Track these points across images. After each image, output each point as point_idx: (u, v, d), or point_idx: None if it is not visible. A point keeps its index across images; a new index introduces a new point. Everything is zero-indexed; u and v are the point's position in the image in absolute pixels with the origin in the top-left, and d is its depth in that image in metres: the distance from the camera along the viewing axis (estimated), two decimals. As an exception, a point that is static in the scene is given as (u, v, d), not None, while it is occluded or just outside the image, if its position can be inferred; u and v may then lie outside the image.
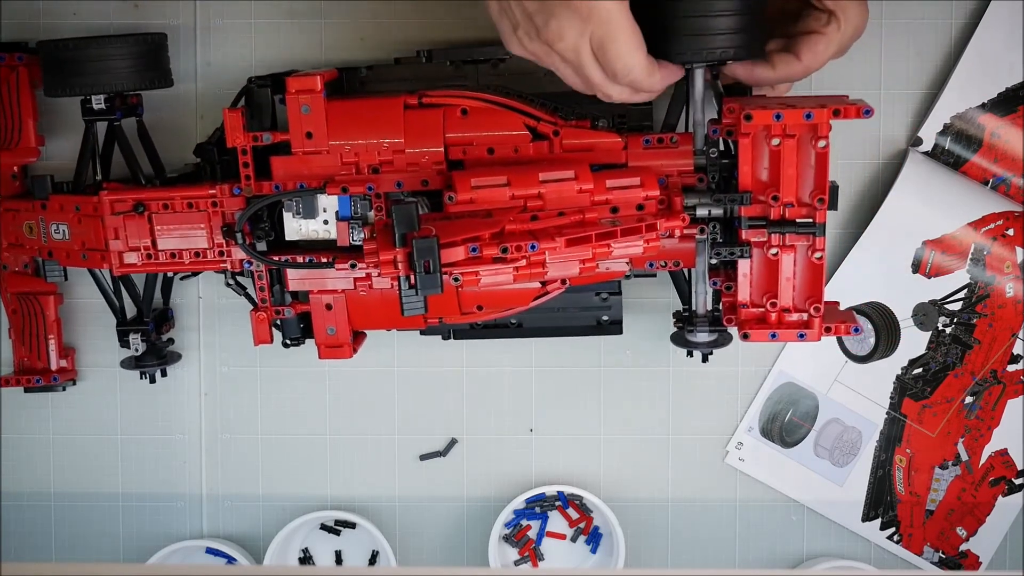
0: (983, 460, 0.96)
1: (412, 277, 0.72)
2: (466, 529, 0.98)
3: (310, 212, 0.82)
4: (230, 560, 0.96)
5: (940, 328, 0.94)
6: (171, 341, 0.94)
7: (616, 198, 0.77)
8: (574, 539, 0.98)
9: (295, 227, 0.83)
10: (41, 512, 0.98)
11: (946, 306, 0.94)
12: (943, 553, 0.97)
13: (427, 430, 0.97)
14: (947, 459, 0.96)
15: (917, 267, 0.93)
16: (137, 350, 0.90)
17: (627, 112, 0.83)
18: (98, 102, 0.85)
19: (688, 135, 0.81)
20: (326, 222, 0.83)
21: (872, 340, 0.94)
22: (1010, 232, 0.92)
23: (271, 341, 0.87)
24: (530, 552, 0.97)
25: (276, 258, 0.83)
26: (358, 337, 0.88)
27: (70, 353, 0.95)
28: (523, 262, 0.73)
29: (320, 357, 0.86)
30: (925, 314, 0.94)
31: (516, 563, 0.98)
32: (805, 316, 0.79)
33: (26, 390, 0.93)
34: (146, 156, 0.89)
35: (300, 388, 0.96)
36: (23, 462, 0.97)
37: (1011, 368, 0.94)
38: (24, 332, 0.93)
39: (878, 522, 0.97)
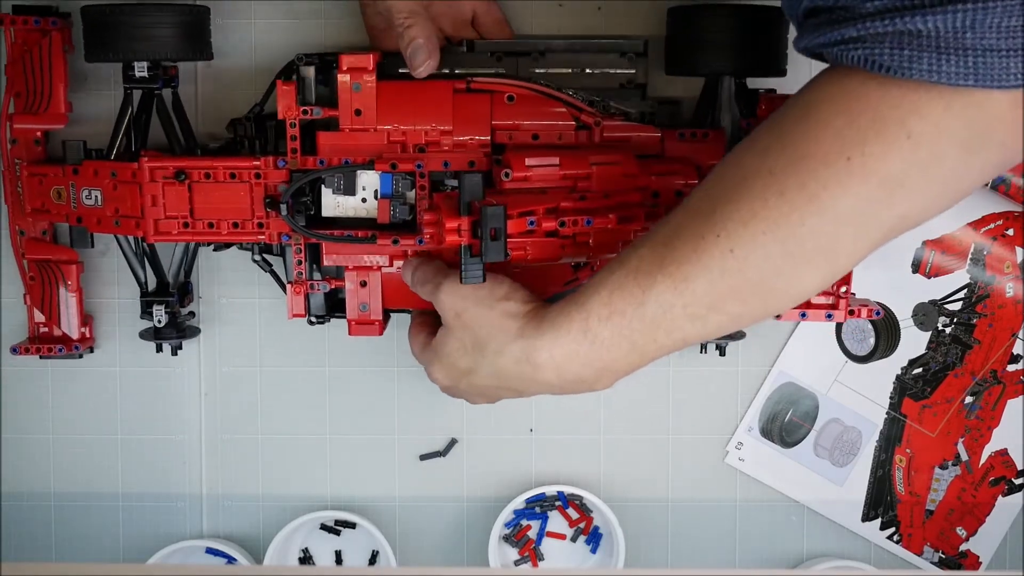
0: (983, 460, 0.96)
1: (474, 246, 0.75)
2: (466, 529, 0.98)
3: (350, 189, 0.83)
4: (230, 560, 0.96)
5: (940, 328, 0.94)
6: (192, 314, 0.94)
7: (657, 184, 0.82)
8: (574, 539, 0.98)
9: (332, 203, 0.83)
10: (41, 512, 0.98)
11: (946, 306, 0.94)
12: (943, 553, 0.97)
13: (427, 430, 0.97)
14: (947, 459, 0.96)
15: (917, 267, 0.93)
16: (160, 321, 0.90)
17: (655, 110, 0.86)
18: (141, 69, 0.84)
19: (719, 131, 0.84)
20: (364, 200, 0.83)
21: (872, 340, 0.95)
22: (1010, 232, 0.92)
23: (305, 315, 0.87)
24: (530, 552, 0.97)
25: (319, 231, 0.84)
26: (385, 318, 0.88)
27: (89, 321, 0.94)
28: (570, 238, 0.78)
29: (350, 334, 0.86)
30: (925, 314, 0.94)
31: (516, 563, 0.98)
32: (831, 300, 0.83)
33: (42, 357, 0.92)
34: (178, 129, 0.88)
35: (300, 388, 0.96)
36: (23, 462, 0.97)
37: (1011, 368, 0.94)
38: (44, 300, 0.91)
39: (878, 522, 0.97)
